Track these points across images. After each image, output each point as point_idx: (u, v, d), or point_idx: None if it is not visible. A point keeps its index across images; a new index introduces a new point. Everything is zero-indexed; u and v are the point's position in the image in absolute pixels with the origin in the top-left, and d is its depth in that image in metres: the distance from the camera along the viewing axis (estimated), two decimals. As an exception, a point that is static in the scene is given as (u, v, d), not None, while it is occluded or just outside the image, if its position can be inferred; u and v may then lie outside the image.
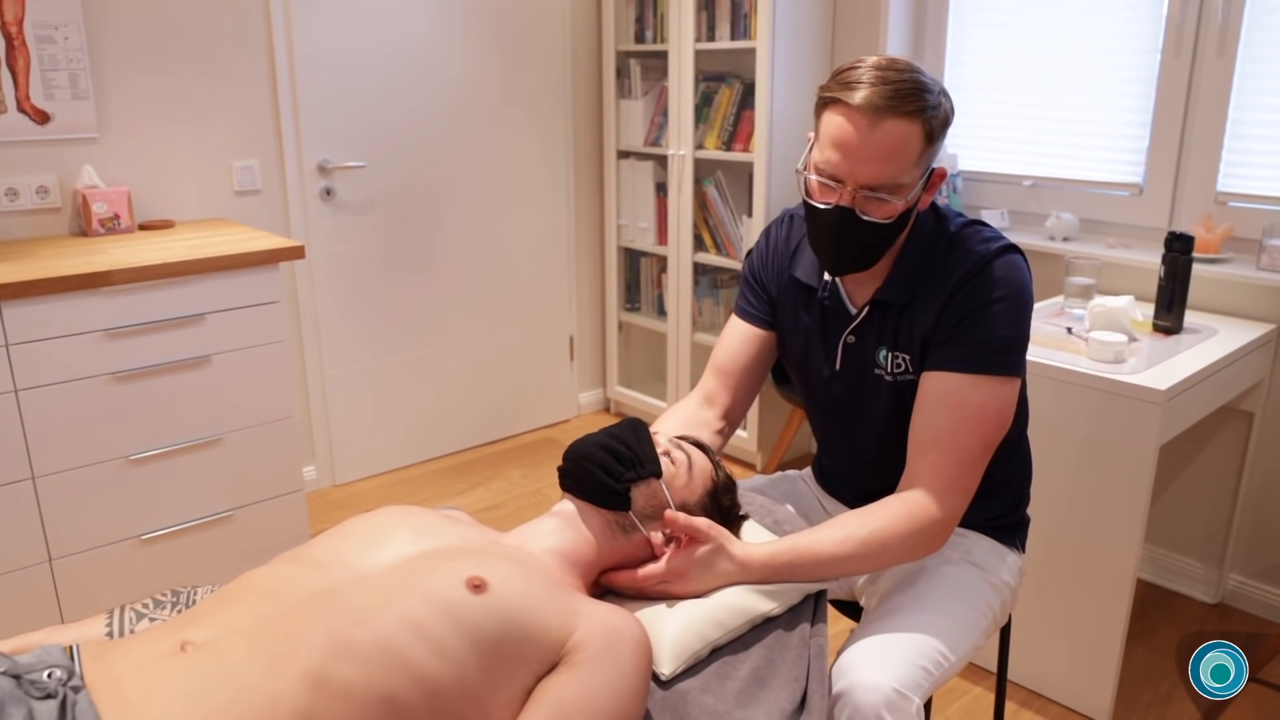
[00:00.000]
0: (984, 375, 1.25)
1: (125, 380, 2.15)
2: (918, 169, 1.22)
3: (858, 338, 1.38)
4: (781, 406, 3.27)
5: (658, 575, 1.18)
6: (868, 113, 1.17)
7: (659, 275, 3.59)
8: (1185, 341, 2.10)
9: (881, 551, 1.22)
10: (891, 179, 1.20)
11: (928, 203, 1.30)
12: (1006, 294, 1.26)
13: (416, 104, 3.08)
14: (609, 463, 1.19)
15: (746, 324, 1.51)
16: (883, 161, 1.19)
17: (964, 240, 1.31)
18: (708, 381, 1.52)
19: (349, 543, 1.06)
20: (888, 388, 1.37)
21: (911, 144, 1.19)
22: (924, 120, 1.19)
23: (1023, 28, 2.73)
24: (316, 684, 0.87)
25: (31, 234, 2.47)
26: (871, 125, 1.17)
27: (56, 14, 2.38)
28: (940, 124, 1.22)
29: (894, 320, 1.34)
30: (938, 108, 1.21)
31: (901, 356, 1.34)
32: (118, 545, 2.22)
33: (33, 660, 0.88)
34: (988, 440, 1.26)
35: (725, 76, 3.19)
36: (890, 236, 1.27)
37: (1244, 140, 2.35)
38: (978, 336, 1.26)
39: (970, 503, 1.28)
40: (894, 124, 1.17)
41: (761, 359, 1.51)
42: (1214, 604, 2.47)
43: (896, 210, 1.23)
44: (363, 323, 3.13)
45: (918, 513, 1.23)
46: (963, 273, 1.28)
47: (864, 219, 1.23)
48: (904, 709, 1.13)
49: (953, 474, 1.24)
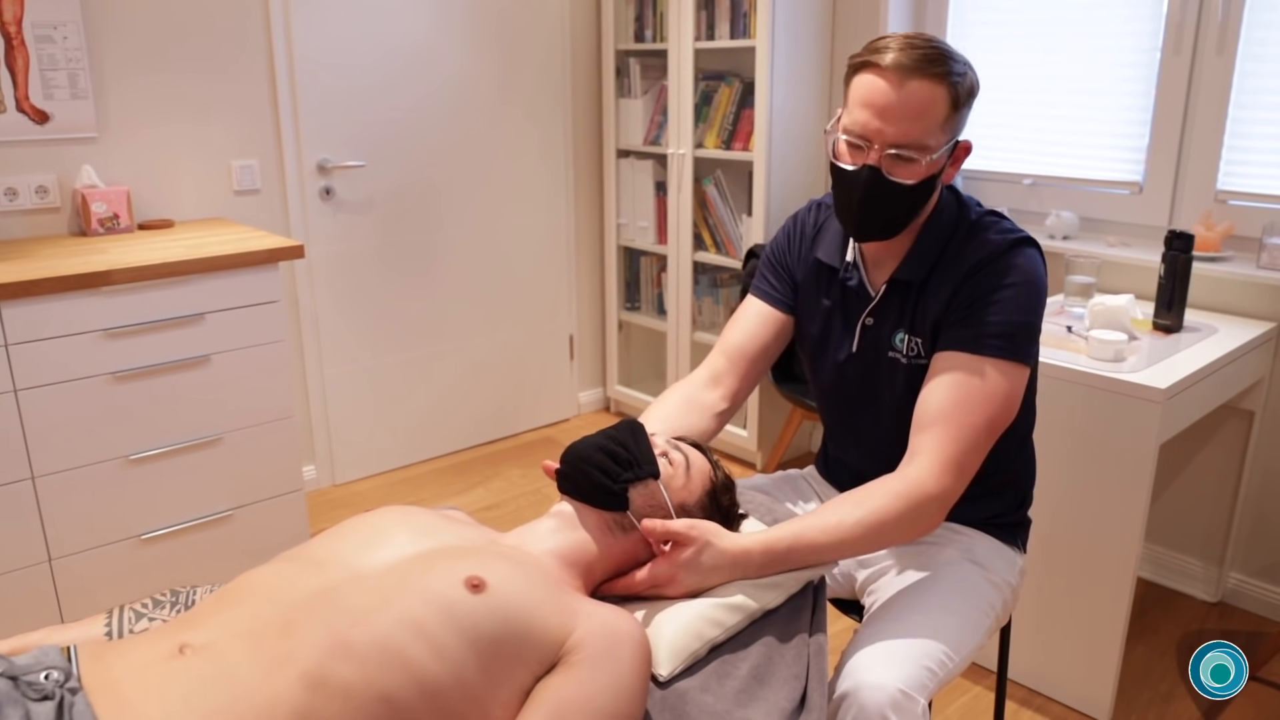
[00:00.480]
0: (992, 358, 1.25)
1: (125, 380, 2.15)
2: (944, 134, 1.25)
3: (875, 320, 1.40)
4: (782, 406, 3.27)
5: (645, 583, 1.17)
6: (897, 72, 1.21)
7: (659, 274, 3.59)
8: (1185, 340, 2.10)
9: (879, 531, 1.20)
10: (918, 139, 1.23)
11: (952, 176, 1.32)
12: (1020, 281, 1.27)
13: (416, 103, 3.08)
14: (606, 464, 1.18)
15: (766, 305, 1.51)
16: (910, 120, 1.22)
17: (983, 228, 1.33)
18: (715, 361, 1.50)
19: (347, 543, 1.06)
20: (902, 371, 1.37)
21: (938, 105, 1.23)
22: (950, 84, 1.23)
23: (1023, 26, 2.73)
24: (315, 684, 0.87)
25: (31, 234, 2.47)
26: (899, 84, 1.21)
27: (55, 14, 2.38)
28: (966, 92, 1.26)
29: (911, 302, 1.36)
30: (964, 75, 1.25)
31: (915, 340, 1.36)
32: (118, 545, 2.22)
33: (30, 661, 0.88)
34: (991, 422, 1.25)
35: (725, 75, 3.19)
36: (916, 204, 1.29)
37: (1244, 138, 2.35)
38: (988, 319, 1.26)
39: (968, 485, 1.27)
40: (921, 84, 1.21)
41: (775, 342, 1.51)
42: (1214, 603, 2.47)
43: (922, 173, 1.26)
44: (362, 322, 3.13)
45: (914, 490, 1.21)
46: (979, 258, 1.30)
47: (890, 180, 1.26)
48: (909, 709, 1.12)
49: (952, 451, 1.23)
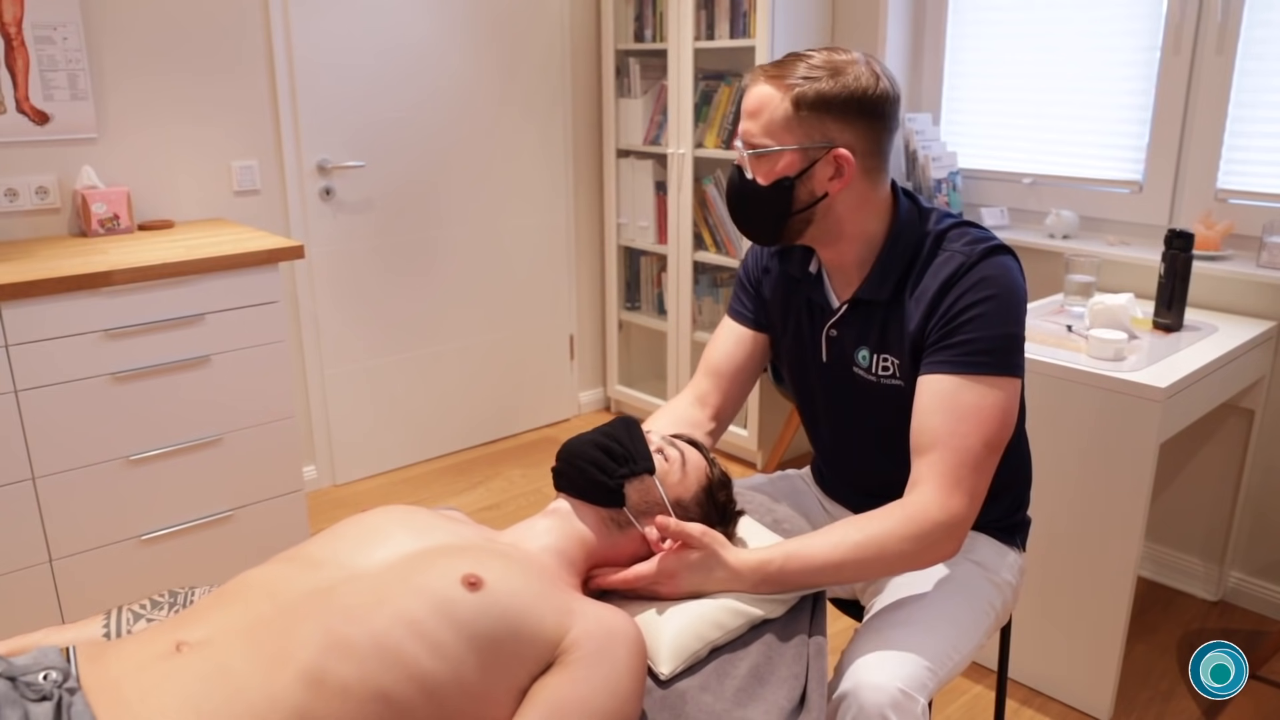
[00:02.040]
0: (978, 376, 1.23)
1: (125, 380, 2.16)
2: (790, 136, 1.24)
3: (839, 333, 1.39)
4: (782, 405, 3.27)
5: (648, 576, 1.18)
6: (751, 79, 1.29)
7: (659, 274, 3.59)
8: (1185, 339, 2.10)
9: (878, 556, 1.18)
10: (757, 136, 1.26)
11: (837, 189, 1.26)
12: (996, 293, 1.23)
13: (416, 103, 3.08)
14: (602, 460, 1.19)
15: (738, 325, 1.52)
16: (749, 119, 1.27)
17: (950, 241, 1.29)
18: (700, 382, 1.52)
19: (345, 542, 1.06)
20: (873, 390, 1.36)
21: (772, 106, 1.24)
22: (786, 87, 1.23)
23: (1022, 25, 2.73)
24: (313, 682, 0.87)
25: (31, 234, 2.47)
26: (750, 89, 1.28)
27: (55, 15, 2.38)
28: (818, 98, 1.22)
29: (878, 320, 1.33)
30: (810, 81, 1.22)
31: (889, 360, 1.33)
32: (118, 545, 2.23)
33: (28, 662, 0.88)
34: (989, 441, 1.22)
35: (725, 75, 3.19)
36: (776, 208, 1.28)
37: (1244, 137, 2.35)
38: (968, 338, 1.23)
39: (980, 505, 1.24)
40: (761, 87, 1.26)
41: (753, 360, 1.52)
42: (1214, 601, 2.47)
43: (773, 174, 1.26)
44: (362, 322, 3.13)
45: (917, 515, 1.19)
46: (948, 274, 1.26)
47: (744, 178, 1.30)
48: (909, 709, 1.12)
49: (953, 476, 1.20)
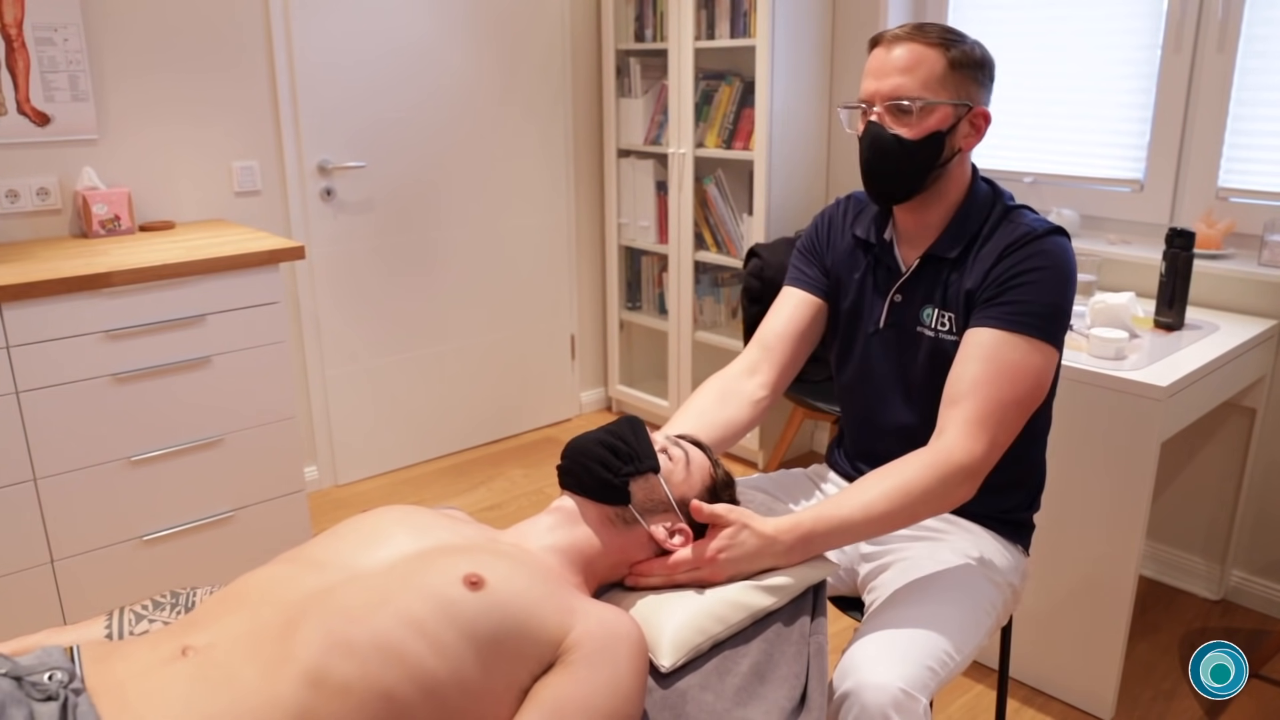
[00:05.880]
0: (1023, 335, 1.28)
1: (126, 381, 2.16)
2: (943, 90, 1.30)
3: (904, 296, 1.43)
4: (783, 405, 3.27)
5: (689, 562, 1.19)
6: (890, 41, 1.32)
7: (660, 274, 3.59)
8: (1186, 338, 2.10)
9: (904, 502, 1.22)
10: (910, 91, 1.29)
11: (972, 144, 1.36)
12: (1052, 265, 1.30)
13: (416, 103, 3.08)
14: (607, 458, 1.19)
15: (800, 291, 1.55)
16: (900, 74, 1.30)
17: (1017, 215, 1.38)
18: (751, 353, 1.54)
19: (346, 542, 1.06)
20: (928, 343, 1.40)
21: (929, 62, 1.29)
22: (943, 47, 1.29)
23: (1023, 24, 2.73)
24: (315, 682, 0.87)
25: (32, 236, 2.47)
26: (890, 49, 1.31)
27: (56, 16, 2.38)
28: (966, 58, 1.31)
29: (944, 278, 1.39)
30: (962, 43, 1.31)
31: (946, 315, 1.39)
32: (119, 546, 2.23)
33: (33, 662, 0.88)
34: (1020, 399, 1.26)
35: (725, 74, 3.19)
36: (924, 162, 1.32)
37: (1245, 136, 2.35)
38: (1020, 298, 1.29)
39: (999, 458, 1.27)
40: (911, 46, 1.30)
41: (811, 326, 1.54)
42: (1216, 600, 2.47)
43: (925, 128, 1.30)
44: (363, 323, 3.13)
45: (941, 459, 1.23)
46: (1011, 240, 1.34)
47: (890, 132, 1.31)
48: (911, 709, 1.12)
49: (979, 423, 1.24)
